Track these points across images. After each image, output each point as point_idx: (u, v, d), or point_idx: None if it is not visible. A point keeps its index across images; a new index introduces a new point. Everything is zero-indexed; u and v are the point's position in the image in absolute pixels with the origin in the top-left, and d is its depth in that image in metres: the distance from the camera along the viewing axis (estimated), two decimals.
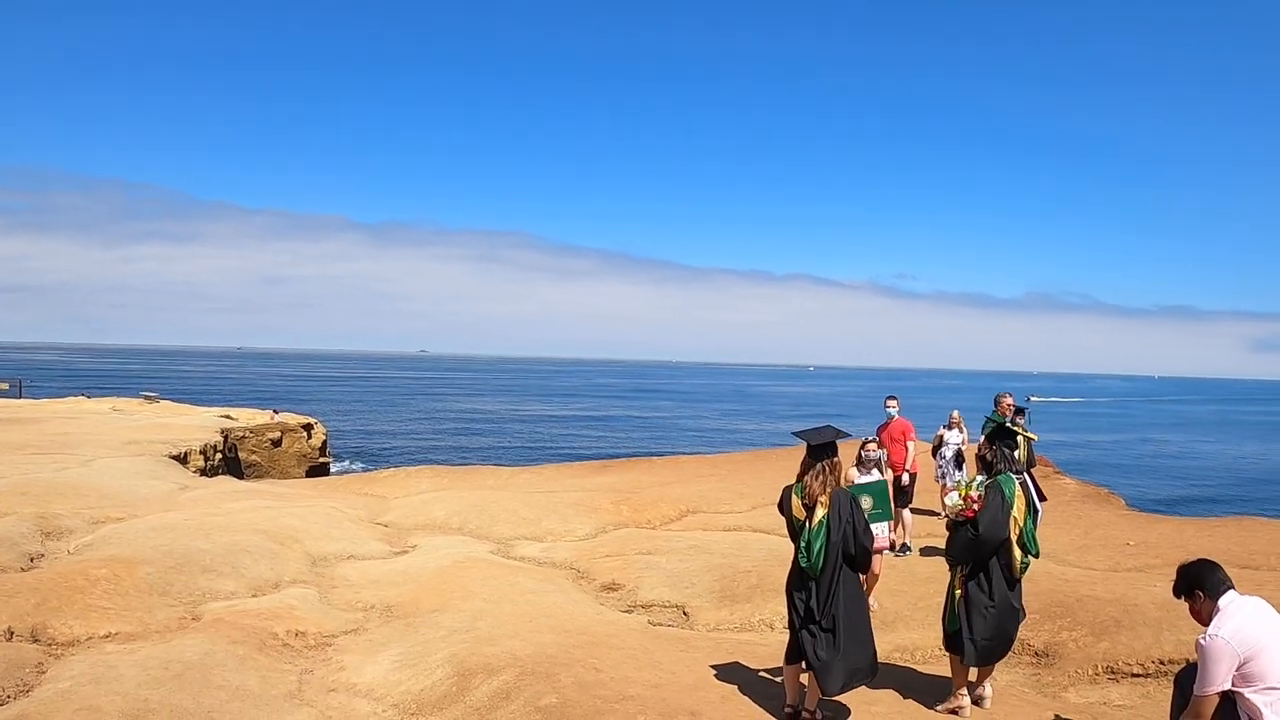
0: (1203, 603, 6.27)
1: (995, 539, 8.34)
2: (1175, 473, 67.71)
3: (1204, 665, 6.02)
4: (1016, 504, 8.43)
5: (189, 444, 28.97)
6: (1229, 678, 5.95)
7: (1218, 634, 6.01)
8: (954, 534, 8.63)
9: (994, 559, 8.43)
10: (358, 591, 13.18)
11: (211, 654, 9.82)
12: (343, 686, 9.61)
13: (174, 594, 12.31)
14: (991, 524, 8.32)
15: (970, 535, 8.41)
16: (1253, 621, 6.06)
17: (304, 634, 10.99)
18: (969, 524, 8.44)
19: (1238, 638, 5.96)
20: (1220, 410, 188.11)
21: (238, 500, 18.82)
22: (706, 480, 23.70)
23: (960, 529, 8.53)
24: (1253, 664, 5.91)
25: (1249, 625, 6.03)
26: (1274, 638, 6.02)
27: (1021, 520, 8.45)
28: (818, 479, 8.20)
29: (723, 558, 14.72)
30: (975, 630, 8.39)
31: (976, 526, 8.35)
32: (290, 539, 15.23)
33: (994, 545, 8.37)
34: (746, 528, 17.83)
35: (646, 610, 13.08)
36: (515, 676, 9.17)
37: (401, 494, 22.65)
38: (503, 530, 17.68)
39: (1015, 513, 8.41)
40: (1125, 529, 17.22)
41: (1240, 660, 5.92)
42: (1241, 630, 5.99)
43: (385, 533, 17.38)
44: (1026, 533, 8.49)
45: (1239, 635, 5.97)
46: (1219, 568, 6.33)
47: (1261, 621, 6.08)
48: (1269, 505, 45.86)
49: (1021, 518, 8.45)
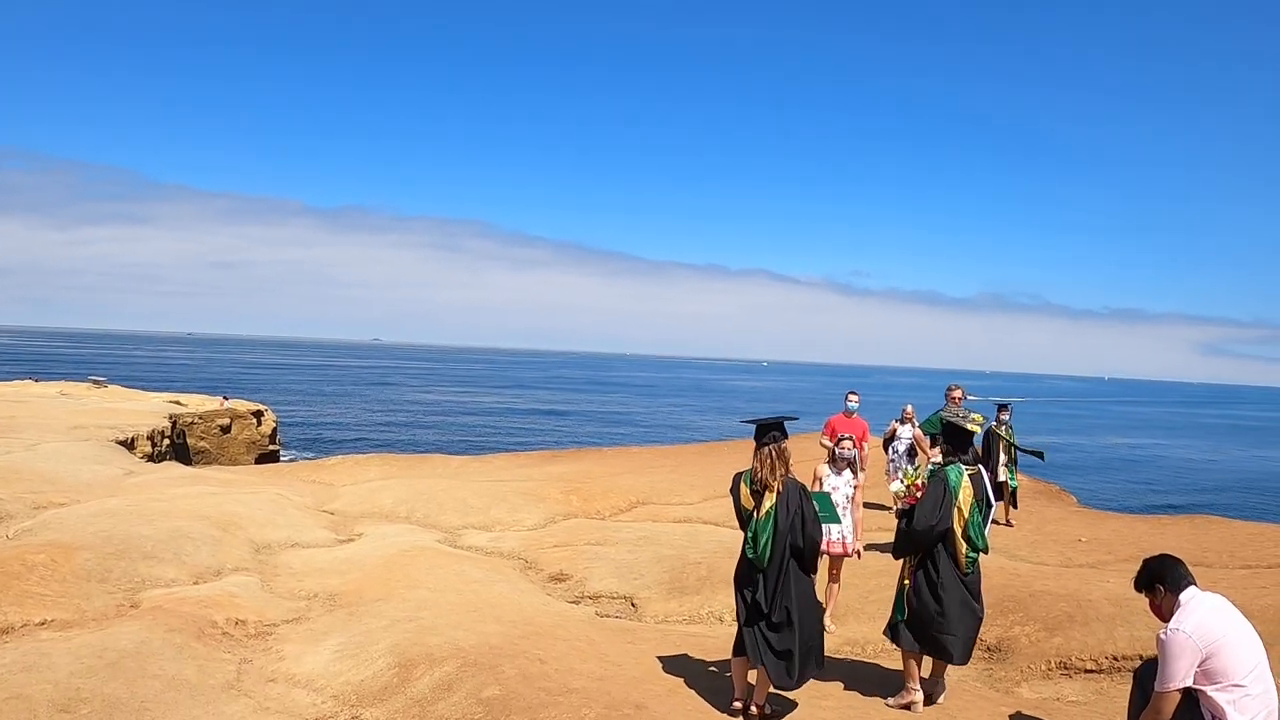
0: (1163, 597, 6.21)
1: (929, 528, 8.23)
2: (1125, 472, 68.45)
3: (1165, 661, 5.96)
4: (962, 495, 8.29)
5: (137, 429, 28.59)
6: (1190, 674, 5.88)
7: (1179, 629, 5.94)
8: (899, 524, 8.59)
9: (942, 551, 8.35)
10: (301, 580, 13.00)
11: (148, 642, 9.62)
12: (282, 676, 9.44)
13: (113, 580, 12.07)
14: (924, 515, 8.23)
15: (903, 525, 8.37)
16: (1214, 616, 5.99)
17: (244, 622, 10.79)
18: (906, 514, 8.40)
19: (1199, 633, 5.90)
20: (1168, 412, 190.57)
21: (183, 486, 18.57)
22: (657, 471, 23.68)
23: (904, 519, 8.49)
24: (1214, 660, 5.85)
25: (1210, 620, 5.96)
26: (1236, 633, 5.97)
27: (967, 512, 8.31)
28: (765, 464, 8.09)
29: (672, 549, 14.66)
30: (936, 626, 8.27)
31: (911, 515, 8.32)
32: (234, 525, 15.01)
33: (928, 537, 8.25)
34: (696, 519, 17.82)
35: (594, 601, 13.00)
36: (458, 667, 9.04)
37: (349, 482, 22.45)
38: (450, 519, 17.56)
39: (961, 504, 8.30)
40: (1077, 525, 17.36)
41: (1202, 656, 5.86)
42: (1203, 625, 5.92)
43: (331, 520, 17.20)
44: (972, 525, 8.31)
45: (1200, 630, 5.90)
46: (1181, 563, 6.27)
47: (1223, 617, 6.02)
48: (1219, 505, 46.48)
49: (967, 509, 8.30)
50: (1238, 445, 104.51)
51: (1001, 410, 17.81)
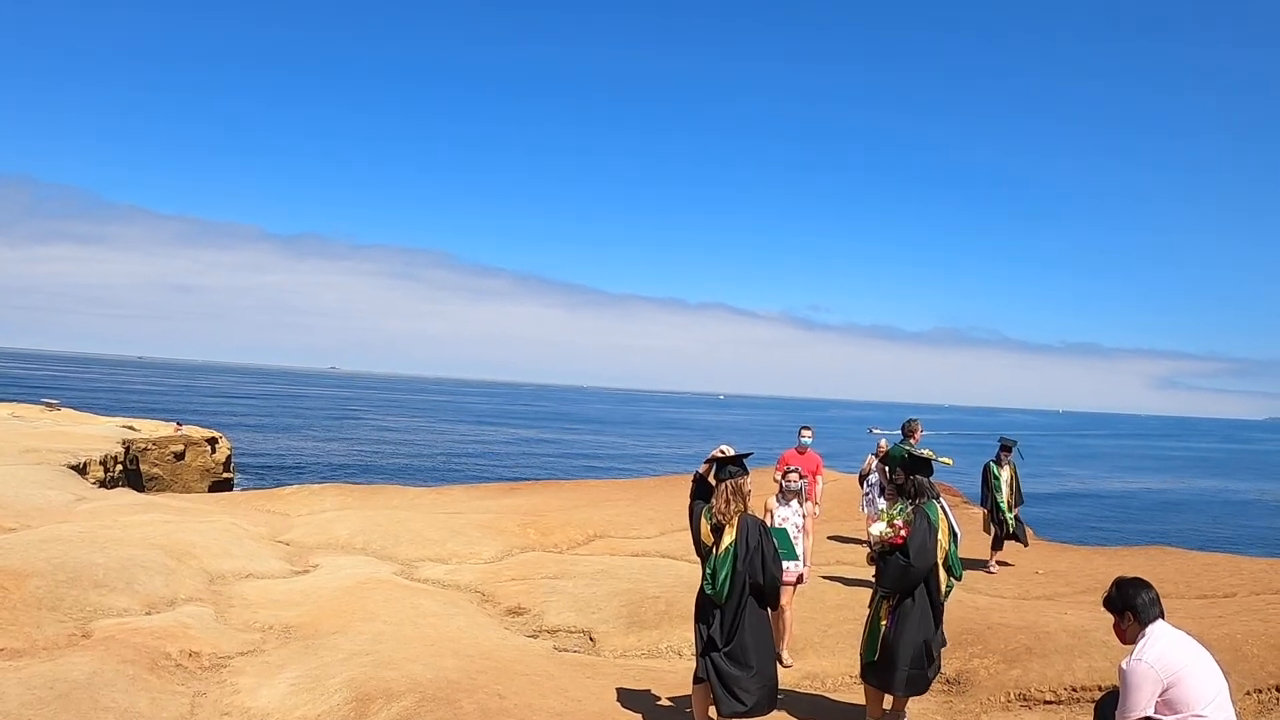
0: (1129, 624, 6.26)
1: (926, 565, 8.36)
2: (1081, 504, 68.89)
3: (1126, 691, 6.01)
4: (941, 529, 8.49)
5: (89, 454, 28.24)
6: (1152, 703, 5.93)
7: (1141, 659, 6.00)
8: (883, 563, 8.58)
9: (921, 586, 8.43)
10: (255, 611, 12.86)
11: (100, 673, 9.49)
12: (237, 710, 9.34)
13: (64, 609, 11.90)
14: (921, 550, 8.33)
15: (902, 563, 8.39)
16: (1175, 648, 6.06)
17: (198, 654, 10.66)
18: (898, 552, 8.42)
19: (1160, 663, 5.96)
20: (1123, 444, 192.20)
21: (136, 513, 18.34)
22: (615, 505, 23.63)
23: (889, 558, 8.50)
24: (1174, 690, 5.91)
25: (1171, 651, 6.03)
26: (1197, 664, 6.03)
27: (947, 544, 8.52)
28: (724, 500, 8.11)
29: (630, 583, 14.62)
30: (899, 660, 8.34)
31: (907, 553, 8.34)
32: (188, 555, 14.85)
33: (926, 571, 8.39)
34: (655, 553, 17.79)
35: (552, 635, 12.94)
36: (415, 702, 8.97)
37: (305, 512, 22.25)
38: (407, 551, 17.45)
39: (941, 538, 8.47)
40: (1034, 558, 17.46)
41: (1163, 686, 5.91)
42: (1165, 656, 5.99)
43: (286, 551, 17.04)
44: (951, 556, 8.57)
45: (1162, 660, 5.97)
46: (1154, 596, 6.31)
47: (1184, 648, 6.09)
48: (1174, 535, 46.92)
49: (946, 542, 8.52)
50: (1192, 477, 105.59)
51: (1004, 450, 17.36)
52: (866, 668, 8.67)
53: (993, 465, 17.20)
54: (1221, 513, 67.18)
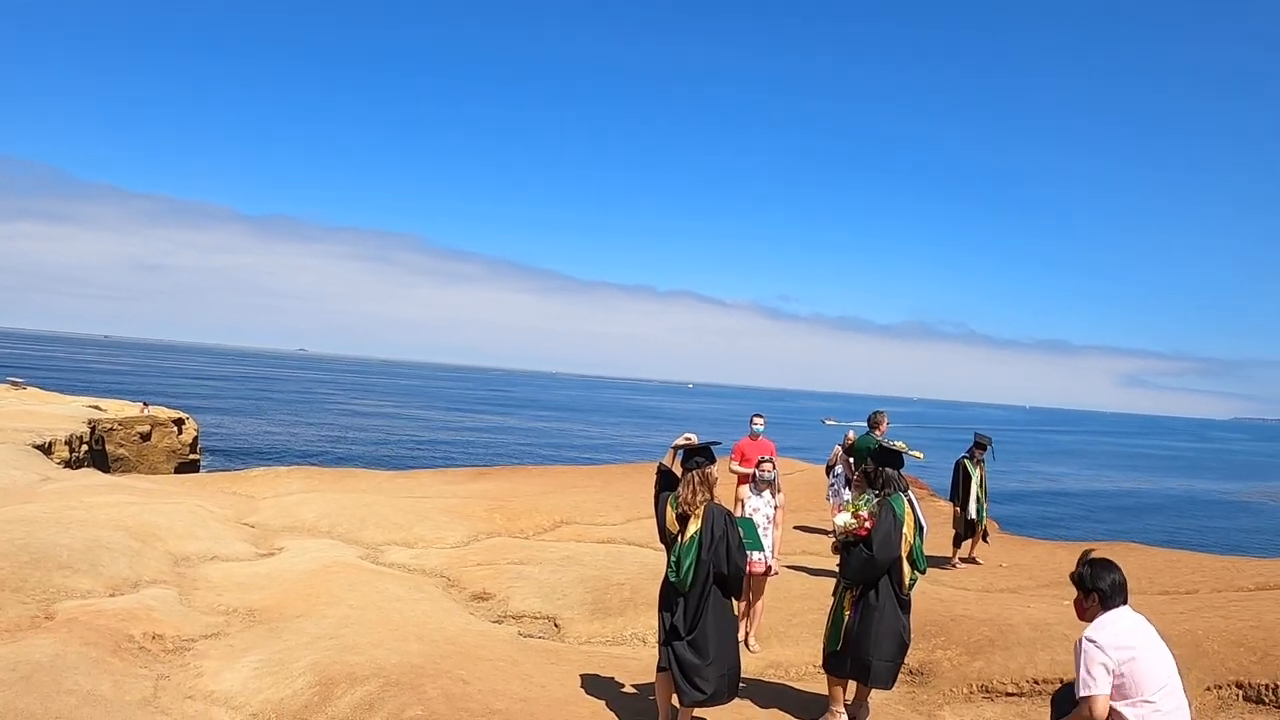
0: (1092, 605, 6.32)
1: (889, 557, 8.38)
2: (1047, 499, 69.41)
3: (1080, 667, 6.07)
4: (906, 522, 8.50)
5: (54, 434, 28.14)
6: (1108, 683, 5.98)
7: (1094, 639, 6.06)
8: (847, 554, 8.60)
9: (885, 578, 8.47)
10: (220, 594, 12.84)
11: (63, 656, 9.46)
12: (200, 693, 9.34)
13: (28, 591, 11.85)
14: (884, 542, 8.35)
15: (865, 555, 8.41)
16: (1132, 632, 6.12)
17: (162, 637, 10.64)
18: (862, 543, 8.46)
19: (1112, 644, 6.01)
20: (1088, 441, 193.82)
21: (101, 494, 18.27)
22: (582, 491, 23.67)
23: (853, 549, 8.52)
24: (1127, 674, 5.96)
25: (1126, 634, 6.08)
26: (1149, 650, 6.08)
27: (911, 537, 8.53)
28: (690, 489, 8.14)
29: (596, 570, 14.66)
30: (873, 653, 8.39)
31: (870, 545, 8.38)
32: (152, 537, 14.80)
33: (888, 563, 8.41)
34: (621, 540, 17.83)
35: (517, 621, 12.97)
36: (379, 687, 8.99)
37: (271, 494, 22.18)
38: (373, 535, 17.44)
39: (905, 530, 8.48)
40: (999, 551, 17.59)
41: (1114, 667, 5.98)
42: (1118, 637, 6.04)
43: (252, 534, 17.00)
44: (916, 549, 8.57)
45: (1114, 642, 6.02)
46: (1124, 584, 6.33)
47: (1139, 633, 6.15)
48: (1137, 532, 47.29)
49: (911, 535, 8.53)
50: (1157, 475, 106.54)
51: (978, 447, 17.11)
52: (829, 657, 8.71)
53: (967, 462, 16.98)
54: (1185, 510, 67.93)
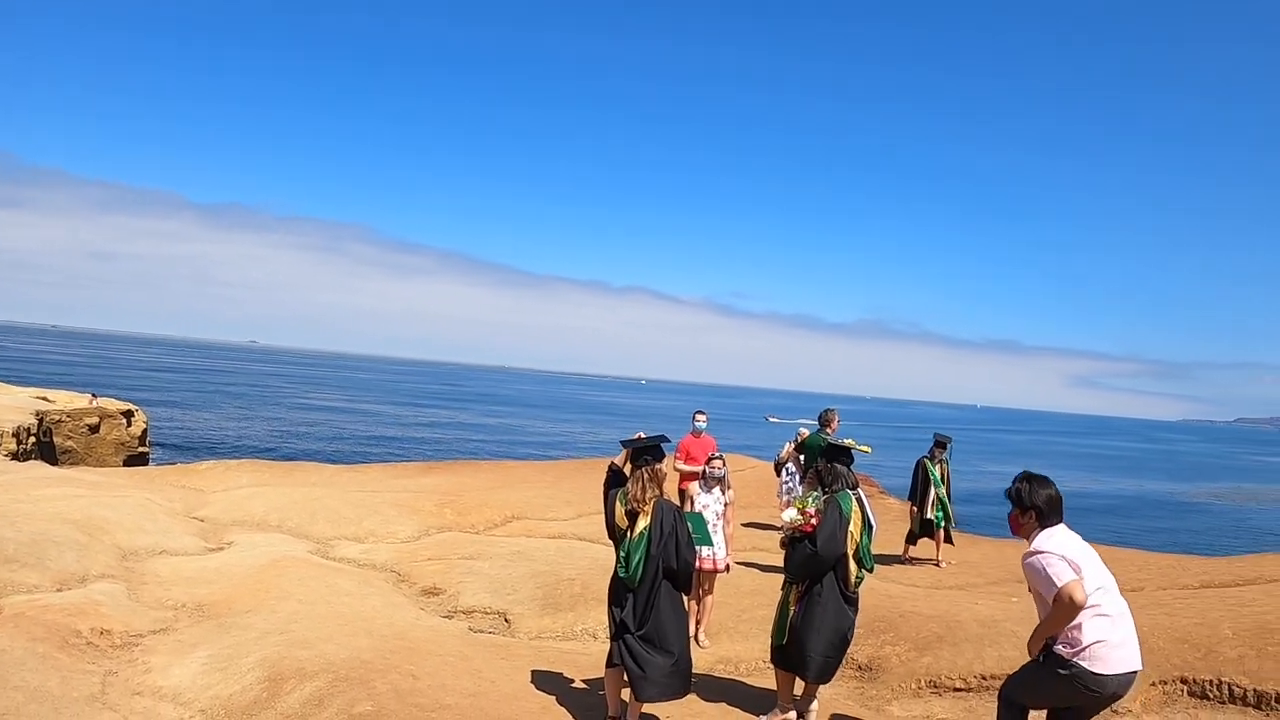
0: (1028, 522, 6.52)
1: (833, 554, 8.44)
2: (996, 499, 69.96)
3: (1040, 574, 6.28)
4: (853, 520, 8.55)
5: (1, 426, 27.80)
6: (1072, 571, 6.18)
7: (1043, 548, 6.30)
8: (791, 550, 8.68)
9: (830, 575, 8.55)
10: (168, 589, 12.78)
11: (9, 651, 9.39)
12: (148, 689, 9.31)
13: None
14: (829, 539, 8.41)
15: (809, 551, 8.48)
16: (1071, 543, 6.40)
17: (109, 632, 10.58)
18: (807, 539, 8.53)
19: (1059, 551, 6.27)
20: (1040, 441, 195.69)
21: (48, 487, 18.09)
22: (533, 486, 23.67)
23: (798, 545, 8.59)
24: None
25: (1068, 545, 6.36)
26: (1088, 557, 6.38)
27: (858, 536, 8.58)
28: (639, 485, 8.21)
29: (546, 565, 14.71)
30: (811, 647, 8.47)
31: (815, 542, 8.44)
32: (100, 530, 14.71)
33: (832, 560, 8.48)
34: (571, 535, 17.88)
35: (468, 616, 12.99)
36: (329, 683, 9.00)
37: (220, 488, 22.03)
38: (323, 529, 17.40)
39: (852, 528, 8.53)
40: (947, 549, 17.71)
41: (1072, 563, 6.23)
42: (1063, 547, 6.31)
43: (201, 528, 16.91)
44: (862, 548, 8.61)
45: (1060, 551, 6.28)
46: (1060, 502, 6.56)
47: (1078, 544, 6.44)
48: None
49: (858, 533, 8.58)
50: (1106, 474, 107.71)
51: (939, 447, 17.08)
52: (775, 651, 8.81)
53: (928, 462, 16.93)
54: (1133, 510, 68.79)
